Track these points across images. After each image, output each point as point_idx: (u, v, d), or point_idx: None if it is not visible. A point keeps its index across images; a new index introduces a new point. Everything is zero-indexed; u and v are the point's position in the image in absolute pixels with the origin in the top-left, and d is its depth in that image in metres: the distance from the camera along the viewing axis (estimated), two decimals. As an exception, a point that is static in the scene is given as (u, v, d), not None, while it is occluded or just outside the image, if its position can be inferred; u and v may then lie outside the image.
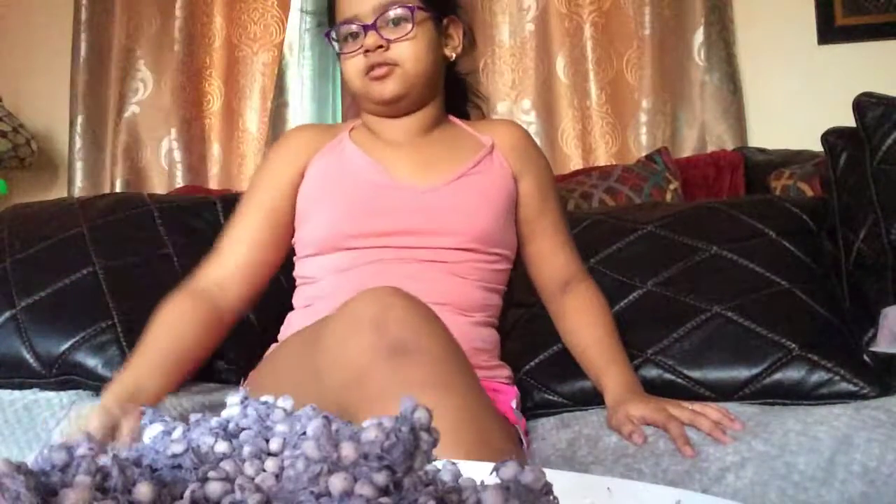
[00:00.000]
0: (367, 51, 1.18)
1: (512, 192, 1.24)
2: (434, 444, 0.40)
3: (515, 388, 1.19)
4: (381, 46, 1.17)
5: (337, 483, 0.35)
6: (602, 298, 1.23)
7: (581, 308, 1.21)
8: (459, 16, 1.27)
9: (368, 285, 0.95)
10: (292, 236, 1.24)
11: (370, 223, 1.17)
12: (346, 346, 0.87)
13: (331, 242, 1.18)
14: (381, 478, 0.35)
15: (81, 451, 0.35)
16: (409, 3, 1.18)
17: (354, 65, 1.21)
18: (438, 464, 0.42)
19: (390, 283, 1.02)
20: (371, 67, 1.19)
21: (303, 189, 1.23)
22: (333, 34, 1.23)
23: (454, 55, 1.26)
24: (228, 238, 1.22)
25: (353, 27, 1.19)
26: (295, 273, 1.26)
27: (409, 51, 1.18)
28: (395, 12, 1.17)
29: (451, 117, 1.32)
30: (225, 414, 0.45)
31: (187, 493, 0.36)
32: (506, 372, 1.20)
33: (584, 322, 1.20)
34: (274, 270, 1.23)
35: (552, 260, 1.26)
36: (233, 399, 0.47)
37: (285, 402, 0.46)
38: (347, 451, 0.36)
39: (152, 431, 0.43)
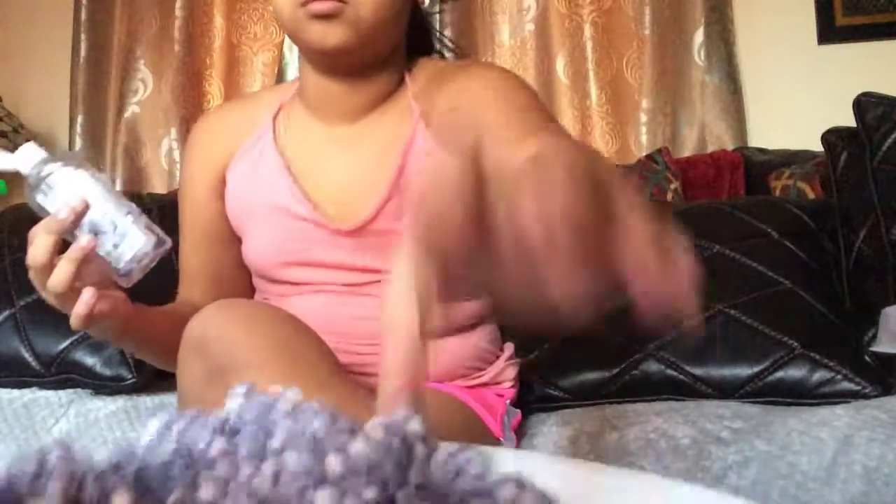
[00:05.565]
0: None
1: None
2: (430, 454, 0.38)
3: (513, 388, 1.05)
4: None
5: (323, 499, 0.33)
6: None
7: None
8: None
9: (316, 317, 0.81)
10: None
11: (298, 272, 0.96)
12: (183, 377, 0.80)
13: (264, 274, 1.00)
14: (370, 493, 0.34)
15: (53, 458, 0.33)
16: None
17: None
18: (438, 474, 0.41)
19: (339, 318, 0.89)
20: None
21: (227, 202, 1.01)
22: None
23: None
24: (185, 271, 1.04)
25: None
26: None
27: None
28: None
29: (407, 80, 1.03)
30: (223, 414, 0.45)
31: (171, 500, 0.34)
32: (510, 374, 1.04)
33: None
34: (245, 272, 1.04)
35: None
36: (232, 399, 0.46)
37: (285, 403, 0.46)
38: (334, 465, 0.35)
39: (148, 429, 0.42)
